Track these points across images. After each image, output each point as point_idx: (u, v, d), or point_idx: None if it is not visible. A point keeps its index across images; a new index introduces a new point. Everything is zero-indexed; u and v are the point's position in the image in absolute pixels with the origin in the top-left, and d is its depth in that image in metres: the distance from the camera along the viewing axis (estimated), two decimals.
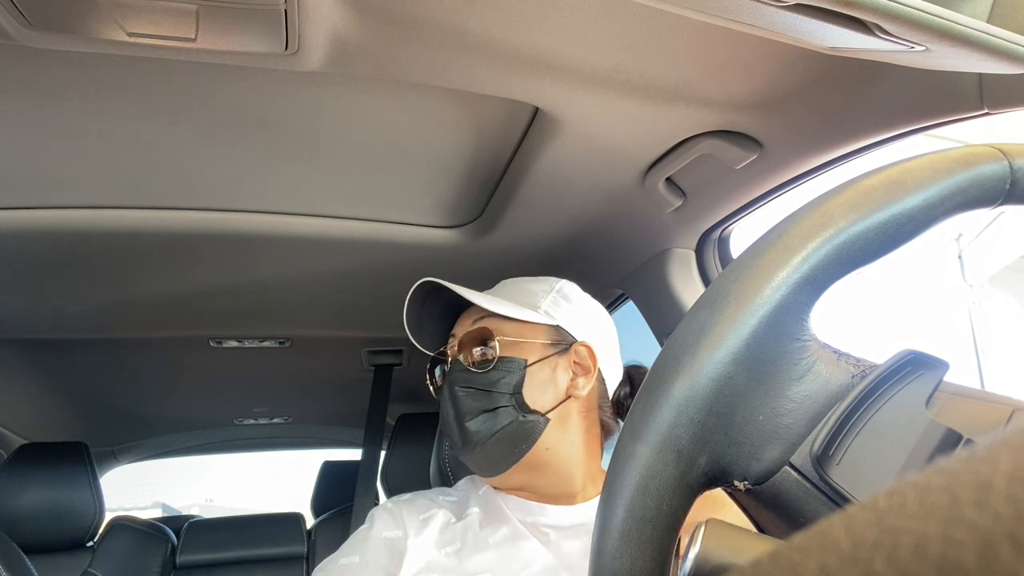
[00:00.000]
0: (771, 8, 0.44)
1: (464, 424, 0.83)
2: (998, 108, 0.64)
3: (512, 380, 0.83)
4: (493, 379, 0.84)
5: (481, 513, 0.88)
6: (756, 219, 1.07)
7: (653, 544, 0.31)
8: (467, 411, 0.84)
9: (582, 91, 0.79)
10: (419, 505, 0.90)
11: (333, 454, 2.89)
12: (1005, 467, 0.11)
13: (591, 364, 0.89)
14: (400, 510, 0.89)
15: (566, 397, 0.86)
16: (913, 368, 0.33)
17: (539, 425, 0.83)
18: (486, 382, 0.84)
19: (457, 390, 0.85)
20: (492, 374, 0.84)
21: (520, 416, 0.83)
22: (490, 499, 0.90)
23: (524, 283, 0.94)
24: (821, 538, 0.13)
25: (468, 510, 0.89)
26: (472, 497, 0.92)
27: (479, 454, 0.84)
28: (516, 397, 0.83)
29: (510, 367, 0.84)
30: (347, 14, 0.64)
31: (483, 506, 0.89)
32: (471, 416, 0.83)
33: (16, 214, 1.07)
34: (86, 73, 0.78)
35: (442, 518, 0.88)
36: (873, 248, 0.32)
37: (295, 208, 1.15)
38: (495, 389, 0.83)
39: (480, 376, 0.84)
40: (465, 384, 0.85)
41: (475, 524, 0.86)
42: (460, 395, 0.85)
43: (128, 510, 3.65)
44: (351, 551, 0.86)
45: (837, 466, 0.31)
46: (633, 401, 0.35)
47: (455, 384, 0.85)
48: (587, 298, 0.95)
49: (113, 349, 1.82)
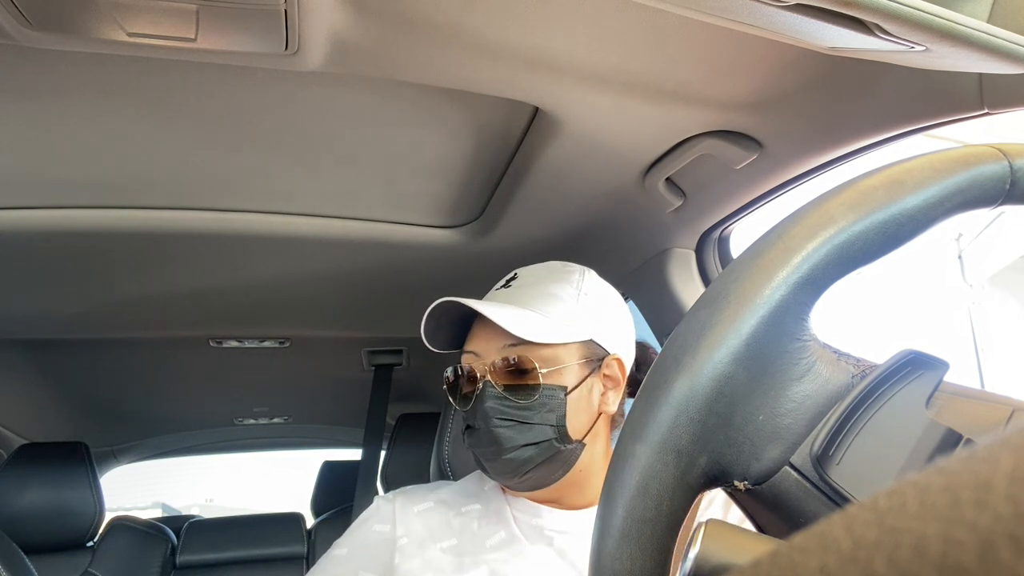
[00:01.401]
0: (771, 8, 0.44)
1: (504, 458, 0.79)
2: (998, 108, 0.64)
3: (555, 412, 0.79)
4: (534, 411, 0.79)
5: (482, 510, 0.87)
6: (756, 219, 1.07)
7: (653, 544, 0.31)
8: (507, 445, 0.78)
9: (582, 91, 0.79)
10: (416, 496, 0.90)
11: (333, 454, 2.89)
12: (1005, 467, 0.11)
13: (621, 377, 0.86)
14: (395, 503, 0.89)
15: (598, 415, 0.84)
16: (913, 368, 0.33)
17: (576, 451, 0.81)
18: (527, 416, 0.79)
19: (496, 423, 0.79)
20: (533, 406, 0.79)
21: (562, 447, 0.80)
22: (494, 498, 0.88)
23: (546, 285, 0.86)
24: (821, 538, 0.13)
25: (468, 505, 0.88)
26: (476, 491, 0.91)
27: (515, 481, 0.81)
28: (559, 429, 0.79)
29: (551, 398, 0.79)
30: (347, 14, 0.64)
31: (485, 504, 0.88)
32: (511, 450, 0.78)
33: (16, 214, 1.07)
34: (86, 73, 0.78)
35: (439, 511, 0.88)
36: (873, 248, 0.32)
37: (295, 208, 1.15)
38: (537, 422, 0.79)
39: (520, 410, 0.79)
40: (504, 417, 0.79)
41: (473, 523, 0.86)
42: (499, 427, 0.79)
43: (128, 510, 3.65)
44: (342, 543, 0.88)
45: (837, 466, 0.31)
46: (633, 401, 0.35)
47: (492, 416, 0.79)
48: (607, 290, 0.91)
49: (113, 349, 1.82)
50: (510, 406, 0.79)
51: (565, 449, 0.80)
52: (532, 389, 0.79)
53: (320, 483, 2.47)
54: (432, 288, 1.50)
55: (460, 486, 0.93)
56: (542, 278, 0.88)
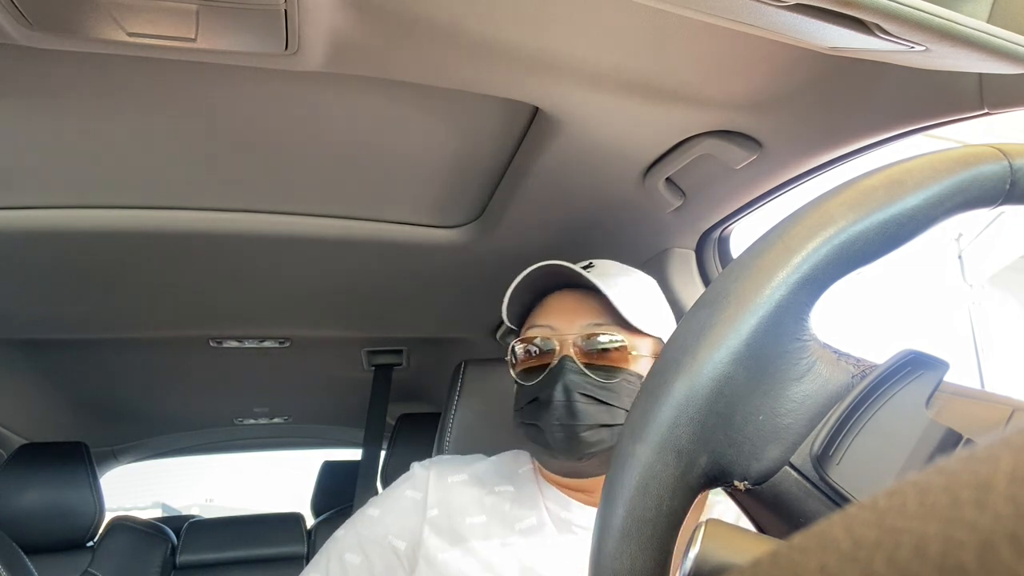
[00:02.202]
0: (771, 8, 0.44)
1: (579, 435, 0.78)
2: (998, 108, 0.64)
3: (632, 398, 0.79)
4: (615, 392, 0.79)
5: (515, 493, 0.87)
6: (756, 219, 1.07)
7: (653, 544, 0.31)
8: (586, 422, 0.78)
9: (582, 91, 0.79)
10: (452, 467, 0.91)
11: (333, 454, 2.89)
12: (1005, 467, 0.11)
13: None
14: (430, 471, 0.90)
15: None
16: (913, 368, 0.33)
17: None
18: (608, 396, 0.79)
19: (577, 396, 0.78)
20: (615, 388, 0.79)
21: None
22: (528, 482, 0.88)
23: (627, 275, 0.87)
24: (821, 538, 0.13)
25: (502, 486, 0.88)
26: (510, 473, 0.91)
27: (572, 461, 0.81)
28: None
29: (631, 383, 0.80)
30: (347, 14, 0.64)
31: (519, 487, 0.88)
32: (588, 428, 0.78)
33: (16, 214, 1.07)
34: (86, 73, 0.78)
35: (473, 485, 0.88)
36: (873, 248, 0.32)
37: (295, 208, 1.15)
38: (616, 404, 0.79)
39: (603, 390, 0.79)
40: (587, 392, 0.79)
41: (505, 503, 0.86)
42: (580, 402, 0.78)
43: (128, 510, 3.65)
44: (376, 503, 0.90)
45: (837, 466, 0.31)
46: (633, 401, 0.35)
47: (575, 389, 0.79)
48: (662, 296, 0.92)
49: (113, 349, 1.82)
50: (593, 384, 0.79)
51: None
52: (616, 371, 0.80)
53: (320, 483, 2.47)
54: (432, 288, 1.51)
55: (494, 464, 0.93)
56: (620, 270, 0.89)
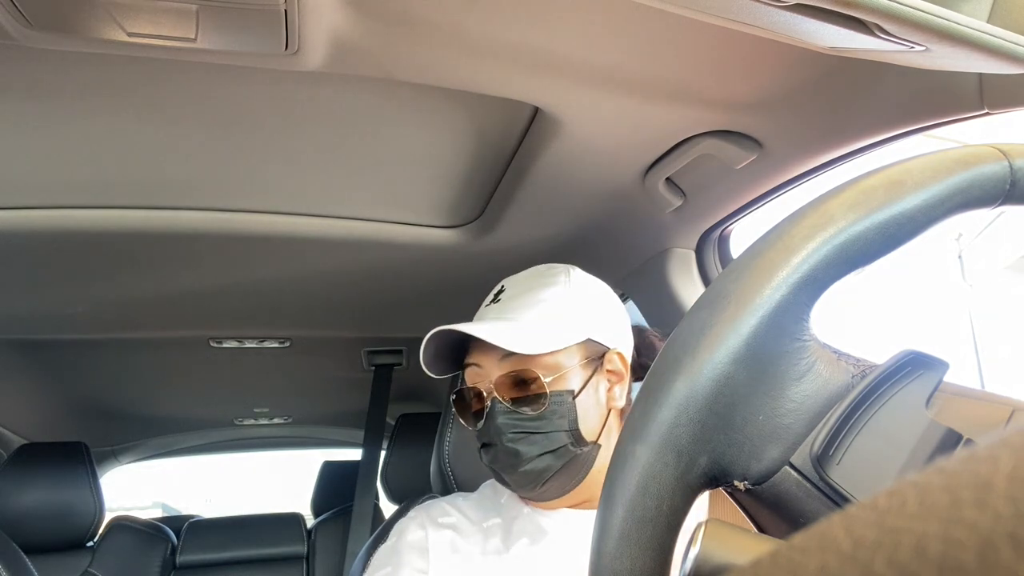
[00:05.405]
0: (771, 8, 0.44)
1: (525, 469, 0.79)
2: (998, 108, 0.64)
3: (566, 418, 0.79)
4: (546, 419, 0.79)
5: (503, 523, 0.87)
6: (756, 219, 1.07)
7: (653, 544, 0.31)
8: (525, 457, 0.79)
9: (582, 91, 0.79)
10: (439, 510, 0.91)
11: (333, 454, 2.89)
12: (1005, 467, 0.11)
13: (624, 369, 0.86)
14: (420, 515, 0.91)
15: (608, 413, 0.84)
16: (913, 368, 0.33)
17: (593, 453, 0.82)
18: (540, 425, 0.79)
19: (510, 437, 0.79)
20: (544, 415, 0.79)
21: (578, 450, 0.80)
22: (512, 508, 0.89)
23: (535, 292, 0.86)
24: (821, 538, 0.13)
25: (489, 520, 0.89)
26: (493, 506, 0.91)
27: (536, 491, 0.81)
28: (573, 434, 0.80)
29: (560, 403, 0.79)
30: (347, 14, 0.64)
31: (506, 517, 0.88)
32: (530, 460, 0.79)
33: (16, 214, 1.07)
34: (86, 73, 0.78)
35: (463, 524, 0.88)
36: (873, 248, 0.32)
37: (295, 208, 1.15)
38: (551, 429, 0.79)
39: (532, 421, 0.79)
40: (517, 431, 0.79)
41: (496, 537, 0.86)
42: (515, 442, 0.79)
43: (128, 510, 3.65)
44: (383, 563, 0.88)
45: (837, 466, 0.31)
46: (634, 401, 0.35)
47: (506, 431, 0.79)
48: (596, 284, 0.90)
49: (113, 349, 1.82)
50: (521, 419, 0.79)
51: (582, 452, 0.80)
52: (540, 398, 0.79)
53: (320, 483, 2.47)
54: (432, 288, 1.51)
55: (477, 500, 0.94)
56: (530, 286, 0.87)
